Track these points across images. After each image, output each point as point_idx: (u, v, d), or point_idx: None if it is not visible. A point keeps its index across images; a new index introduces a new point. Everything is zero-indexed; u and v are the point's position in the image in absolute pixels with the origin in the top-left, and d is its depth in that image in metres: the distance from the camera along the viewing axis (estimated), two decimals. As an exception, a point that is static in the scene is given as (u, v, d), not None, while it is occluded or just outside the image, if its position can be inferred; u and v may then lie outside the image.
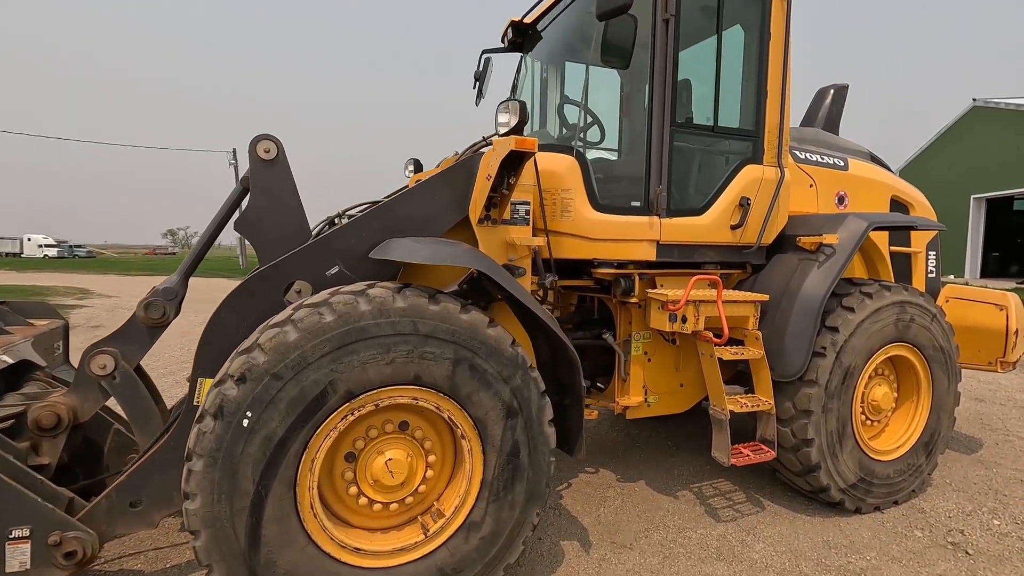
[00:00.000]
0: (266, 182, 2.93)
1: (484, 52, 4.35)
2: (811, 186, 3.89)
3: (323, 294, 2.16)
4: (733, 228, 3.32)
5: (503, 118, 2.56)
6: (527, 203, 2.95)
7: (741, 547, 3.00)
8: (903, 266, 4.36)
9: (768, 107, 3.37)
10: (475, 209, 2.80)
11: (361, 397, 2.09)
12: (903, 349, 3.40)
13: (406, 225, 2.81)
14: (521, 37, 4.02)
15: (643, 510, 3.40)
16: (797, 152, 3.91)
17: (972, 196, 19.53)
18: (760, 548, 2.99)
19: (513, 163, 2.59)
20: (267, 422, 1.95)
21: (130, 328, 2.73)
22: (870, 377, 3.44)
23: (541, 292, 3.31)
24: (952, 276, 19.37)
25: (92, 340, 2.60)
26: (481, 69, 4.31)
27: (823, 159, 3.98)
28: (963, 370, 4.16)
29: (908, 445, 3.47)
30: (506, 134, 2.51)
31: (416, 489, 2.32)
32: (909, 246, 4.36)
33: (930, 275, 4.47)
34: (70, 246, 63.59)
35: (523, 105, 2.49)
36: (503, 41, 4.20)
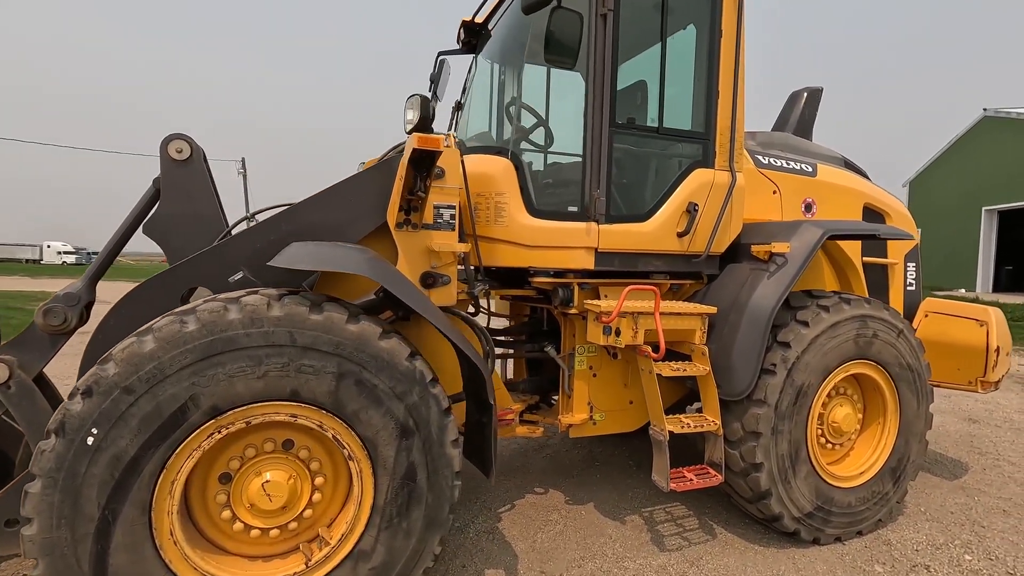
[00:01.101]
0: (178, 183, 2.80)
1: (440, 54, 4.22)
2: (775, 192, 3.68)
3: (197, 302, 2.01)
4: (680, 235, 3.12)
5: (408, 115, 2.40)
6: (452, 207, 2.78)
7: (680, 580, 2.77)
8: (879, 278, 4.11)
9: (719, 108, 3.18)
10: (392, 212, 2.64)
11: (229, 413, 1.92)
12: (866, 367, 3.16)
13: (319, 230, 2.66)
14: (474, 37, 3.88)
15: (584, 536, 3.18)
16: (760, 157, 3.70)
17: (984, 208, 18.99)
18: (700, 582, 2.75)
19: (422, 163, 2.43)
20: (116, 440, 1.79)
21: (29, 336, 2.59)
22: (829, 397, 3.20)
23: (474, 301, 3.12)
24: (963, 291, 18.80)
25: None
26: (436, 71, 4.18)
27: (789, 164, 3.77)
28: (953, 390, 3.90)
29: (873, 471, 3.21)
30: (411, 132, 2.35)
31: (301, 514, 2.14)
32: (885, 257, 4.11)
33: (909, 288, 4.21)
34: (88, 253, 64.69)
35: (425, 100, 2.34)
36: (457, 42, 4.07)
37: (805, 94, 4.42)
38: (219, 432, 1.93)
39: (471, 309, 3.23)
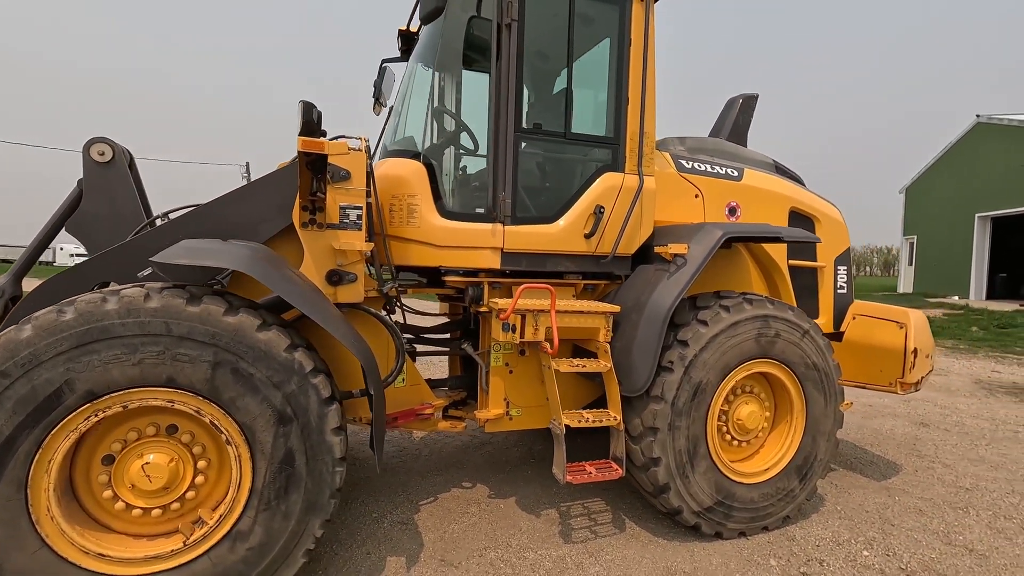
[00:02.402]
0: (100, 184, 2.95)
1: (383, 61, 4.36)
2: (697, 196, 3.78)
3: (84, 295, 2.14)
4: (587, 237, 3.22)
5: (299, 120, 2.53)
6: (358, 207, 2.90)
7: (575, 569, 2.86)
8: (809, 281, 4.19)
9: (629, 115, 3.29)
10: (296, 212, 2.77)
11: (106, 398, 2.05)
12: (770, 366, 3.24)
13: (228, 228, 2.79)
14: (409, 45, 4.02)
15: (495, 528, 3.27)
16: (684, 162, 3.80)
17: (977, 215, 18.86)
18: (593, 572, 2.84)
19: (316, 165, 2.56)
20: (-8, 420, 1.92)
21: (-46, 327, 2.74)
22: (736, 395, 3.29)
23: (387, 299, 3.24)
24: (956, 297, 18.67)
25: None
26: (379, 78, 4.32)
27: (713, 169, 3.87)
28: (909, 393, 3.95)
29: (778, 468, 3.29)
30: (300, 135, 2.48)
31: (183, 495, 2.26)
32: (814, 260, 4.19)
33: (840, 291, 4.28)
34: (98, 254, 65.28)
35: (309, 106, 2.46)
36: (398, 50, 4.21)
37: (740, 100, 4.52)
38: (96, 415, 2.06)
39: (418, 306, 3.35)
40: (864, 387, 4.03)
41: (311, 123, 2.48)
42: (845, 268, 4.32)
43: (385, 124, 3.84)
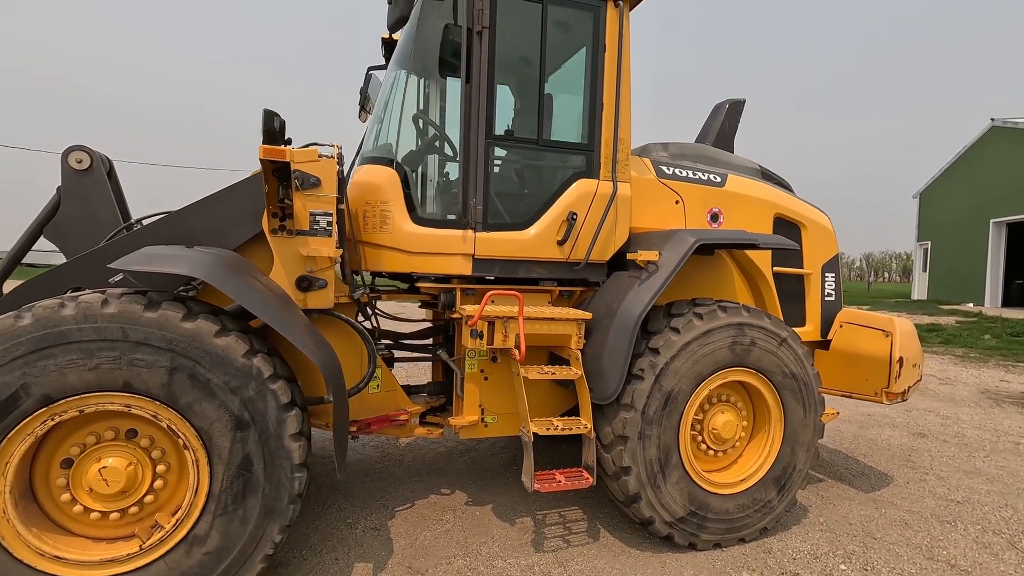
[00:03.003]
0: (78, 191, 3.00)
1: (369, 69, 4.41)
2: (677, 203, 3.75)
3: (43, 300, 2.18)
4: (560, 244, 3.21)
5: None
6: (328, 214, 2.93)
7: (542, 579, 2.83)
8: (795, 288, 4.13)
9: (603, 120, 3.28)
10: (265, 219, 2.80)
11: (62, 402, 2.08)
12: (746, 375, 3.20)
13: (200, 235, 2.84)
14: (393, 52, 4.05)
15: (468, 535, 3.26)
16: (665, 168, 3.78)
17: (992, 220, 18.46)
18: (560, 581, 2.82)
19: (282, 172, 2.59)
20: (-52, 423, 1.95)
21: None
22: (712, 403, 3.25)
23: (359, 304, 3.24)
24: (971, 304, 18.27)
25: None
26: (365, 85, 4.36)
27: (695, 175, 3.84)
28: (895, 403, 3.87)
29: (755, 479, 3.24)
30: (263, 143, 2.51)
31: (142, 499, 2.28)
32: (801, 267, 4.13)
33: (828, 298, 4.22)
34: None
35: (269, 114, 2.49)
36: (383, 57, 4.25)
37: (727, 106, 4.48)
38: (52, 419, 2.09)
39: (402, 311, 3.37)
40: (850, 396, 3.96)
41: (272, 131, 2.50)
42: (833, 275, 4.25)
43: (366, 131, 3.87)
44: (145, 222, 2.90)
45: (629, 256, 3.22)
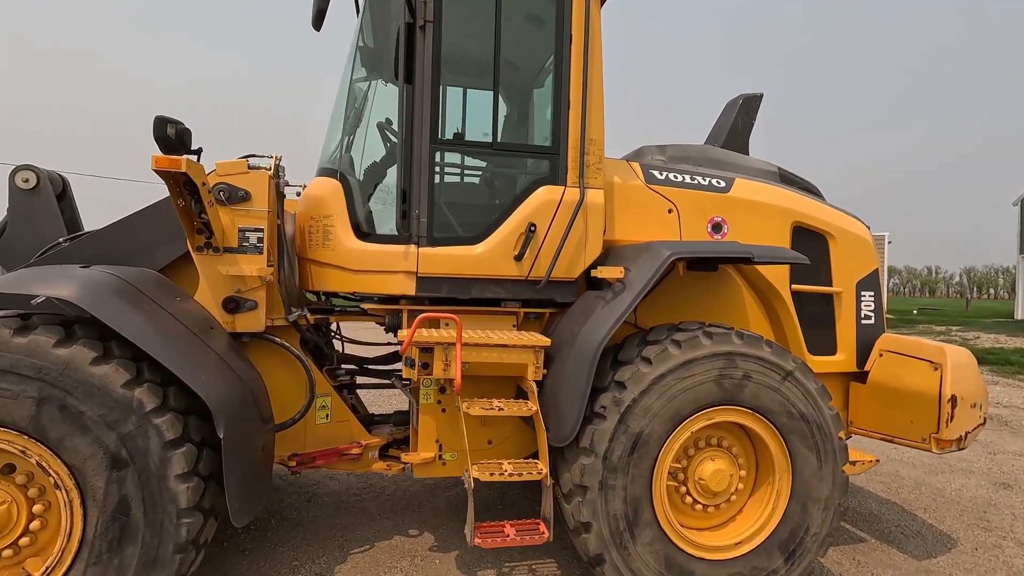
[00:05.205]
0: (24, 211, 2.96)
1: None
2: (670, 211, 3.26)
3: None
4: (517, 259, 2.83)
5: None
6: (259, 230, 2.72)
7: (482, 653, 2.41)
8: (822, 309, 3.51)
9: (570, 120, 2.89)
10: (189, 235, 2.62)
11: (-75, 434, 1.93)
12: (741, 415, 2.65)
13: (126, 254, 2.71)
14: None
15: (417, 589, 2.89)
16: (656, 172, 3.32)
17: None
18: (501, 658, 2.38)
19: (190, 185, 2.39)
20: None
21: None
22: (698, 448, 2.72)
23: (298, 329, 2.98)
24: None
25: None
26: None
27: (692, 180, 3.34)
28: (949, 452, 3.17)
29: (754, 542, 2.66)
30: (163, 153, 2.32)
31: (16, 542, 2.10)
32: (830, 284, 3.50)
33: (865, 321, 3.54)
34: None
35: (160, 122, 2.29)
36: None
37: (740, 101, 3.95)
38: (-87, 452, 1.94)
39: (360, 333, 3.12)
40: (891, 441, 3.27)
41: (166, 139, 2.31)
42: (871, 294, 3.58)
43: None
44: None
45: (593, 273, 2.79)
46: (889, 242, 25.08)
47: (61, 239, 2.80)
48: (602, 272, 2.69)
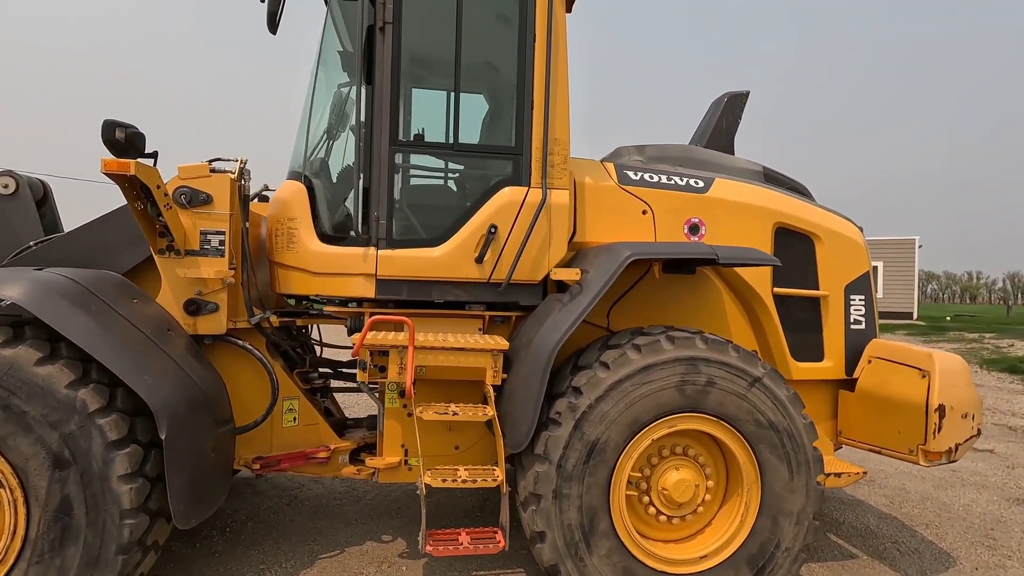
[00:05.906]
0: (3, 216, 3.04)
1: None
2: (644, 212, 3.18)
3: None
4: (478, 261, 2.78)
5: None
6: (221, 232, 2.73)
7: (431, 664, 2.35)
8: (808, 314, 3.37)
9: (534, 120, 2.84)
10: (149, 239, 2.65)
11: None
12: (705, 423, 2.55)
13: (92, 257, 2.75)
14: None
15: (378, 596, 2.85)
16: (630, 172, 3.24)
17: None
18: (449, 670, 2.32)
19: (144, 188, 2.41)
20: None
21: None
22: (662, 457, 2.63)
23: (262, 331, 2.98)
24: None
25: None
26: None
27: (669, 180, 3.25)
28: (938, 464, 3.01)
29: (721, 556, 2.55)
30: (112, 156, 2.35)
31: (-36, 540, 2.13)
32: (816, 287, 3.36)
33: (855, 326, 3.39)
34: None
35: (108, 125, 2.32)
36: None
37: (725, 99, 3.84)
38: None
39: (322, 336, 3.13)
40: (880, 452, 3.11)
41: (115, 142, 2.34)
42: (861, 297, 3.42)
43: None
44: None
45: (551, 275, 2.73)
46: (920, 246, 24.28)
47: (32, 243, 2.86)
48: (558, 274, 2.64)
